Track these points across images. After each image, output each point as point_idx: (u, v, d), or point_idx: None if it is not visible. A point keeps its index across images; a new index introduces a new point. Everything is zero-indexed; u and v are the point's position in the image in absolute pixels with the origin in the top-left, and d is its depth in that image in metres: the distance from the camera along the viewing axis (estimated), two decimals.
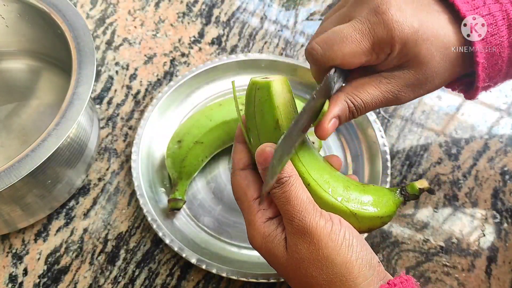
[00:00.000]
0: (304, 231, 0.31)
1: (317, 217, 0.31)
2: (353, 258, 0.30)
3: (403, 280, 0.31)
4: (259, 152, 0.32)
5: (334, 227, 0.31)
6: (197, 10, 0.64)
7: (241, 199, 0.34)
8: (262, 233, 0.33)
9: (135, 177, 0.48)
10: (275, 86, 0.33)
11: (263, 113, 0.33)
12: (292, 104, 0.34)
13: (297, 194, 0.31)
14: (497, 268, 0.47)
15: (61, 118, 0.40)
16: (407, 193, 0.37)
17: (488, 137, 0.55)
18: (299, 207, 0.31)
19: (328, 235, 0.30)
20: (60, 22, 0.46)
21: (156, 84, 0.57)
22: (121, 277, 0.46)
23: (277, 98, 0.33)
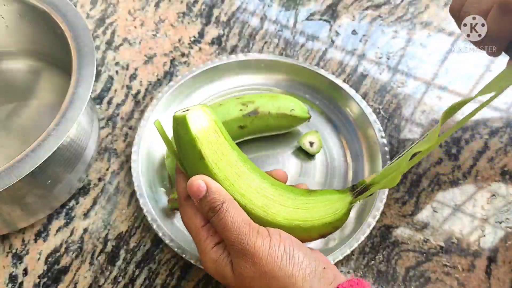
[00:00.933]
0: (244, 253, 0.32)
1: (254, 237, 0.32)
2: (295, 271, 0.32)
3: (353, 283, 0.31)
4: (188, 187, 0.34)
5: (272, 242, 0.32)
6: (197, 10, 0.64)
7: (191, 228, 0.36)
8: (212, 258, 0.34)
9: (135, 177, 0.48)
10: (191, 117, 0.34)
11: (186, 147, 0.35)
12: (216, 130, 0.35)
13: (232, 219, 0.33)
14: (497, 268, 0.47)
15: (61, 118, 0.40)
16: (357, 190, 0.37)
17: (488, 137, 0.55)
18: (236, 231, 0.32)
19: (267, 253, 0.32)
20: (60, 22, 0.46)
21: (156, 84, 0.57)
22: (121, 277, 0.46)
23: (195, 129, 0.34)
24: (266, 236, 0.33)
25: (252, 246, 0.32)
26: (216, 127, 0.35)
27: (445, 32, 0.62)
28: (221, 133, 0.35)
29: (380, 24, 0.63)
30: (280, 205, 0.36)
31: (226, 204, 0.33)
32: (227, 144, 0.35)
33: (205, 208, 0.34)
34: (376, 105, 0.56)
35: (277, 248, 0.32)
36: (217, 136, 0.35)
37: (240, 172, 0.35)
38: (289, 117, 0.50)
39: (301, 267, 0.32)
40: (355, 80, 0.58)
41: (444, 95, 0.58)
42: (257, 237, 0.32)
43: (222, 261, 0.34)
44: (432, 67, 0.60)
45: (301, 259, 0.32)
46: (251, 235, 0.32)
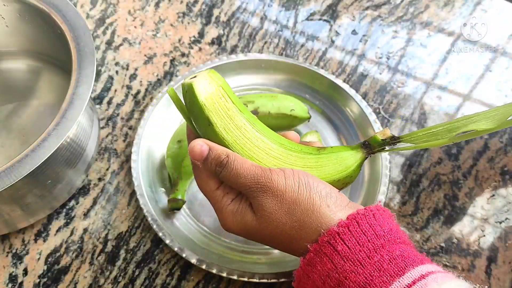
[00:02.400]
0: (263, 189, 0.33)
1: (269, 173, 0.34)
2: (312, 193, 0.33)
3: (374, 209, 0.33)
4: (190, 152, 0.35)
5: (286, 174, 0.34)
6: (197, 10, 0.64)
7: (206, 192, 0.37)
8: (231, 211, 0.35)
9: (135, 177, 0.48)
10: (197, 84, 0.34)
11: (195, 114, 0.35)
12: (223, 95, 0.35)
13: (243, 166, 0.34)
14: (497, 268, 0.47)
15: (61, 118, 0.40)
16: (369, 147, 0.37)
17: (488, 137, 0.55)
18: (250, 175, 0.34)
19: (284, 183, 0.33)
20: (60, 22, 0.46)
21: (156, 84, 0.57)
22: (121, 277, 0.46)
23: (201, 96, 0.34)
24: (279, 171, 0.34)
25: (270, 181, 0.33)
26: (223, 91, 0.35)
27: (445, 32, 0.62)
28: (229, 97, 0.35)
29: (380, 24, 0.63)
30: (289, 165, 0.36)
31: (232, 156, 0.34)
32: (235, 107, 0.35)
33: (212, 166, 0.35)
34: (376, 105, 0.56)
35: (292, 178, 0.33)
36: (224, 101, 0.35)
37: (249, 134, 0.36)
38: (289, 117, 0.50)
39: (317, 190, 0.33)
40: (355, 80, 0.58)
41: (444, 95, 0.58)
42: (272, 173, 0.33)
43: (241, 210, 0.35)
44: (432, 67, 0.60)
45: (316, 184, 0.34)
46: (265, 173, 0.33)
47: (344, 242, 0.31)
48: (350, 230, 0.31)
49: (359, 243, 0.31)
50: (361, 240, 0.31)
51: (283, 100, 0.51)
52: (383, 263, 0.30)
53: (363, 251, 0.30)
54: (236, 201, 0.35)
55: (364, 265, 0.30)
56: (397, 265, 0.30)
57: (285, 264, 0.45)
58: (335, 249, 0.31)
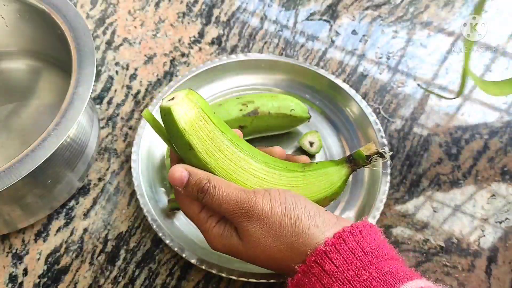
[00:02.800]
0: (249, 215, 0.33)
1: (253, 197, 0.33)
2: (300, 214, 0.32)
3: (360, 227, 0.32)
4: (170, 178, 0.34)
5: (272, 195, 0.33)
6: (197, 10, 0.64)
7: (191, 216, 0.36)
8: (217, 234, 0.35)
9: (135, 177, 0.48)
10: (177, 109, 0.33)
11: (175, 138, 0.35)
12: (203, 117, 0.34)
13: (225, 191, 0.33)
14: (497, 268, 0.47)
15: (61, 118, 0.40)
16: (354, 162, 0.37)
17: (488, 137, 0.55)
18: (233, 201, 0.33)
19: (270, 205, 0.33)
20: (60, 22, 0.46)
21: (156, 84, 0.57)
22: (121, 277, 0.46)
23: (181, 121, 0.33)
24: (265, 193, 0.33)
25: (254, 206, 0.32)
26: (203, 113, 0.34)
27: (445, 32, 0.62)
28: (209, 118, 0.35)
29: (380, 24, 0.63)
30: (274, 185, 0.36)
31: (213, 181, 0.34)
32: (216, 129, 0.35)
33: (193, 192, 0.34)
34: (376, 105, 0.56)
35: (279, 199, 0.33)
36: (204, 123, 0.34)
37: (232, 155, 0.35)
38: (289, 117, 0.50)
39: (305, 210, 0.33)
40: (355, 80, 0.58)
41: (444, 95, 0.58)
42: (256, 196, 0.33)
43: (226, 233, 0.34)
44: (432, 67, 0.60)
45: (304, 204, 0.33)
46: (249, 198, 0.33)
47: (331, 261, 0.30)
48: (337, 248, 0.31)
49: (347, 261, 0.30)
50: (349, 258, 0.30)
51: (283, 100, 0.51)
52: (372, 280, 0.29)
53: (351, 269, 0.30)
54: (221, 224, 0.35)
55: (353, 284, 0.30)
56: (386, 282, 0.29)
57: None
58: (323, 269, 0.30)
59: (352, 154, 0.37)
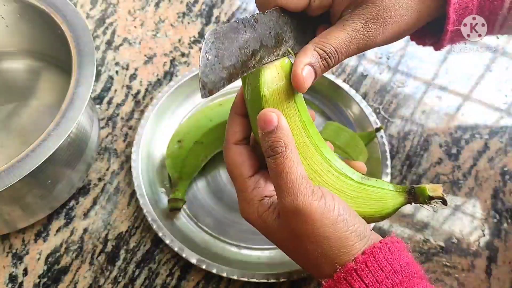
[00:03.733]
0: (297, 211, 0.30)
1: (310, 196, 0.30)
2: (348, 233, 0.31)
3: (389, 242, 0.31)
4: (260, 116, 0.31)
5: (327, 204, 0.31)
6: (197, 10, 0.64)
7: (236, 177, 0.34)
8: (257, 211, 0.33)
9: (135, 177, 0.48)
10: (265, 74, 0.32)
11: (253, 100, 0.33)
12: (286, 92, 0.33)
13: (291, 169, 0.31)
14: (497, 268, 0.47)
15: (61, 118, 0.40)
16: (414, 196, 0.34)
17: (488, 137, 0.55)
18: (291, 184, 0.30)
19: (322, 214, 0.30)
20: (60, 22, 0.46)
21: (156, 84, 0.57)
22: (121, 277, 0.46)
23: (265, 88, 0.32)
24: (321, 197, 0.31)
25: (308, 206, 0.30)
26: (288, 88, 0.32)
27: None
28: (292, 94, 0.33)
29: None
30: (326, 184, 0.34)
31: (288, 150, 0.31)
32: (294, 106, 0.33)
33: (266, 143, 0.31)
34: (376, 105, 0.56)
35: (333, 209, 0.31)
36: (285, 98, 0.32)
37: (298, 139, 0.33)
38: None
39: (353, 230, 0.31)
40: (355, 80, 0.58)
41: (444, 95, 0.58)
42: (313, 197, 0.30)
43: (269, 216, 0.32)
44: (432, 67, 0.60)
45: (353, 221, 0.31)
46: (307, 193, 0.30)
47: (361, 279, 0.29)
48: (367, 266, 0.30)
49: (378, 280, 0.29)
50: (380, 276, 0.29)
51: None
52: None
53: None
54: (266, 203, 0.33)
55: None
56: None
57: (285, 265, 0.45)
58: (351, 286, 0.29)
59: (415, 188, 0.34)
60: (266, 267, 0.45)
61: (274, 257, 0.46)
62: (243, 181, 0.33)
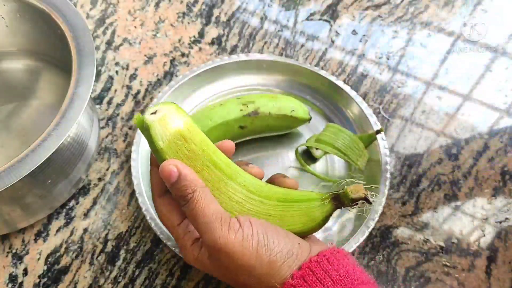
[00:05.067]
0: (217, 248, 0.31)
1: (226, 231, 0.31)
2: (272, 256, 0.31)
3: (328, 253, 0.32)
4: (160, 170, 0.33)
5: (245, 234, 0.32)
6: (197, 10, 0.64)
7: (167, 226, 0.36)
8: (192, 255, 0.35)
9: (134, 175, 0.48)
10: (155, 126, 0.33)
11: (156, 153, 0.34)
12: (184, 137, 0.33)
13: (203, 210, 0.32)
14: (497, 268, 0.47)
15: (61, 118, 0.40)
16: (339, 201, 0.34)
17: (488, 137, 0.55)
18: (207, 223, 0.32)
19: (241, 245, 0.31)
20: (60, 22, 0.46)
21: (156, 84, 0.57)
22: (121, 277, 0.46)
23: (159, 139, 0.33)
24: (237, 229, 0.32)
25: (224, 242, 0.31)
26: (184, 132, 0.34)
27: (445, 32, 0.62)
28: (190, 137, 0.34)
29: (380, 24, 0.63)
30: (249, 212, 0.34)
31: (197, 193, 0.32)
32: (197, 148, 0.34)
33: (177, 194, 0.33)
34: (376, 105, 0.56)
35: (251, 238, 0.32)
36: (183, 143, 0.33)
37: (210, 177, 0.34)
38: (290, 118, 0.50)
39: (278, 251, 0.32)
40: (355, 80, 0.58)
41: (444, 95, 0.58)
42: (229, 232, 0.31)
43: (203, 257, 0.34)
44: (432, 67, 0.60)
45: (276, 243, 0.32)
46: (222, 230, 0.31)
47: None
48: (305, 280, 0.30)
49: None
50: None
51: (284, 100, 0.51)
52: None
53: None
54: (197, 246, 0.35)
55: None
56: None
57: None
58: None
59: (339, 193, 0.33)
60: None
61: None
62: (175, 230, 0.35)
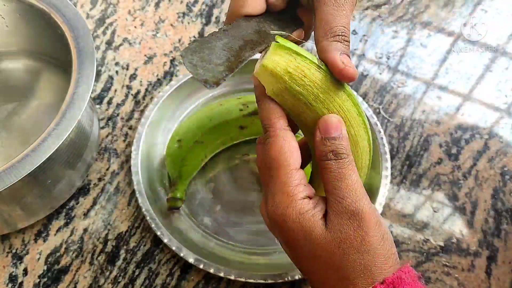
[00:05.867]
0: (355, 214, 0.29)
1: (369, 203, 0.30)
2: (390, 252, 0.30)
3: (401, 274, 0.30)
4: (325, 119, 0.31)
5: (379, 217, 0.30)
6: (197, 10, 0.64)
7: (280, 164, 0.30)
8: (299, 208, 0.30)
9: (134, 175, 0.48)
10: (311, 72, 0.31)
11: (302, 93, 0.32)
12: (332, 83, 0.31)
13: (352, 174, 0.30)
14: (497, 268, 0.47)
15: (61, 118, 0.40)
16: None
17: (488, 137, 0.55)
18: (352, 188, 0.30)
19: (376, 224, 0.30)
20: (60, 22, 0.46)
21: (156, 84, 0.57)
22: (121, 277, 0.46)
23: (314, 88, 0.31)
24: (374, 209, 0.31)
25: (367, 211, 0.29)
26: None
27: (445, 32, 0.62)
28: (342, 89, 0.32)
29: (380, 24, 0.63)
30: None
31: (350, 158, 0.31)
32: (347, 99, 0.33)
33: (327, 147, 0.30)
34: (376, 105, 0.56)
35: (383, 224, 0.30)
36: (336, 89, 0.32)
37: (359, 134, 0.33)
38: None
39: (393, 251, 0.30)
40: (355, 80, 0.58)
41: (444, 95, 0.58)
42: (370, 205, 0.30)
43: (313, 216, 0.30)
44: (432, 67, 0.60)
45: (391, 244, 0.31)
46: (366, 199, 0.30)
47: None
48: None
49: None
50: None
51: None
52: None
53: None
54: (310, 202, 0.30)
55: None
56: None
57: (284, 267, 0.45)
58: None
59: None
60: (265, 268, 0.45)
61: (272, 259, 0.46)
62: (289, 172, 0.30)
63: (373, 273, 0.29)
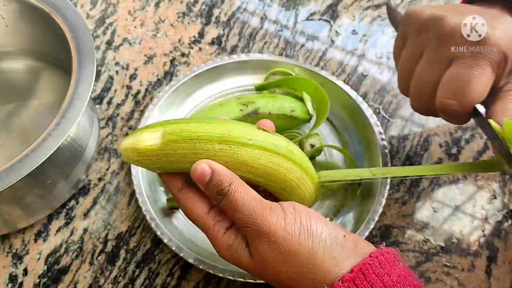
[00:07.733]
0: (260, 233, 0.31)
1: (268, 215, 0.31)
2: (314, 244, 0.30)
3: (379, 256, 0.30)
4: (192, 172, 0.33)
5: (287, 218, 0.31)
6: (197, 10, 0.64)
7: (195, 219, 0.34)
8: (226, 244, 0.33)
9: (134, 175, 0.48)
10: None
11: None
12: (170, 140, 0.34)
13: (242, 199, 0.31)
14: (497, 268, 0.47)
15: (61, 118, 0.40)
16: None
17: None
18: (248, 212, 0.31)
19: (283, 229, 0.30)
20: (60, 22, 0.46)
21: (156, 84, 0.57)
22: (121, 277, 0.46)
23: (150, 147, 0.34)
24: (280, 212, 0.31)
25: (267, 225, 0.30)
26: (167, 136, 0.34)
27: None
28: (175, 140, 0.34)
29: (380, 24, 0.63)
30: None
31: (234, 185, 0.32)
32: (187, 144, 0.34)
33: (212, 192, 0.32)
34: (376, 105, 0.57)
35: (293, 222, 0.31)
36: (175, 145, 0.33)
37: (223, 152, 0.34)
38: (290, 118, 0.50)
39: (321, 239, 0.30)
40: (355, 80, 0.58)
41: None
42: (271, 214, 0.31)
43: (238, 246, 0.32)
44: None
45: (320, 230, 0.31)
46: (264, 213, 0.31)
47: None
48: (356, 284, 0.29)
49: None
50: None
51: (284, 100, 0.51)
52: None
53: None
54: (231, 233, 0.33)
55: None
56: None
57: None
58: None
59: None
60: None
61: None
62: (203, 220, 0.34)
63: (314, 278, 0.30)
